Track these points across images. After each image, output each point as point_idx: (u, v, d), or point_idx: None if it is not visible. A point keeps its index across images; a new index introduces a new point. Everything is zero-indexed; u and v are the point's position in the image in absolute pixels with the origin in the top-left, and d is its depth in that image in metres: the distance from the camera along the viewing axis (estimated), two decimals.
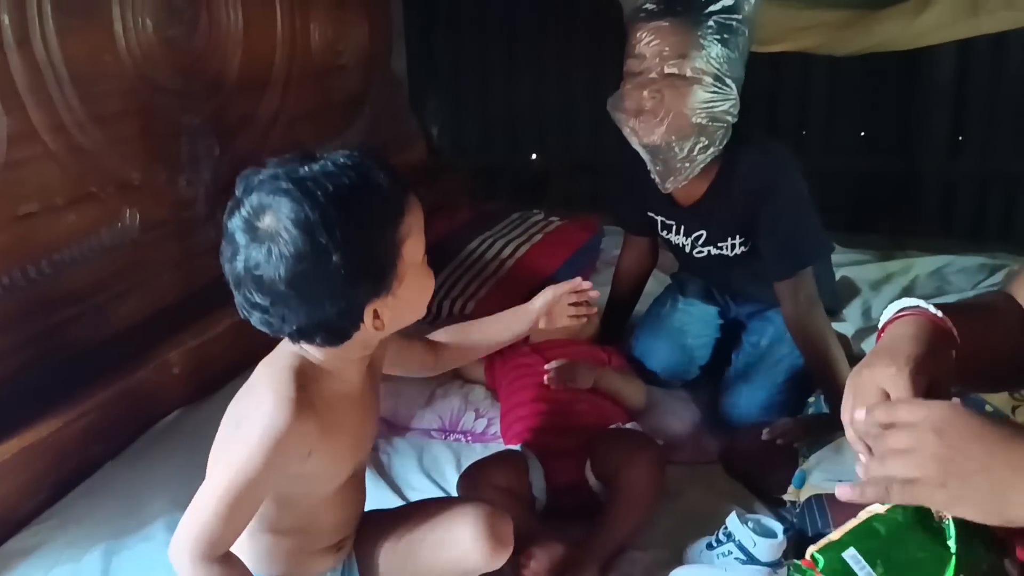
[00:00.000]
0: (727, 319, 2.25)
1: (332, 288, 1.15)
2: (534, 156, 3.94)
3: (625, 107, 1.83)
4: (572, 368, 1.95)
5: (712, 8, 1.74)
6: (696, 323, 2.22)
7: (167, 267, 2.26)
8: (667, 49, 1.75)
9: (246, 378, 2.17)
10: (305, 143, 2.61)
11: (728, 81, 1.77)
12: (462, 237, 2.90)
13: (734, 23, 1.75)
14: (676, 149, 1.79)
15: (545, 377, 1.96)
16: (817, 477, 1.69)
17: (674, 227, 2.05)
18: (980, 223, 3.59)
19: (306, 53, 2.79)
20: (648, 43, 1.76)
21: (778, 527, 1.59)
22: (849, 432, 1.02)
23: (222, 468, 1.19)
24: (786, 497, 1.72)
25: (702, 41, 1.74)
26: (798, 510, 1.68)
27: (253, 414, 1.21)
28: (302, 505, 1.33)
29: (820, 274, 1.99)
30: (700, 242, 2.02)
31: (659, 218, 2.07)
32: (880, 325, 1.11)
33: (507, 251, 2.81)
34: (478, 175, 3.74)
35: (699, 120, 1.77)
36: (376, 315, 1.23)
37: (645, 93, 1.78)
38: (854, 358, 2.24)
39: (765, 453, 1.86)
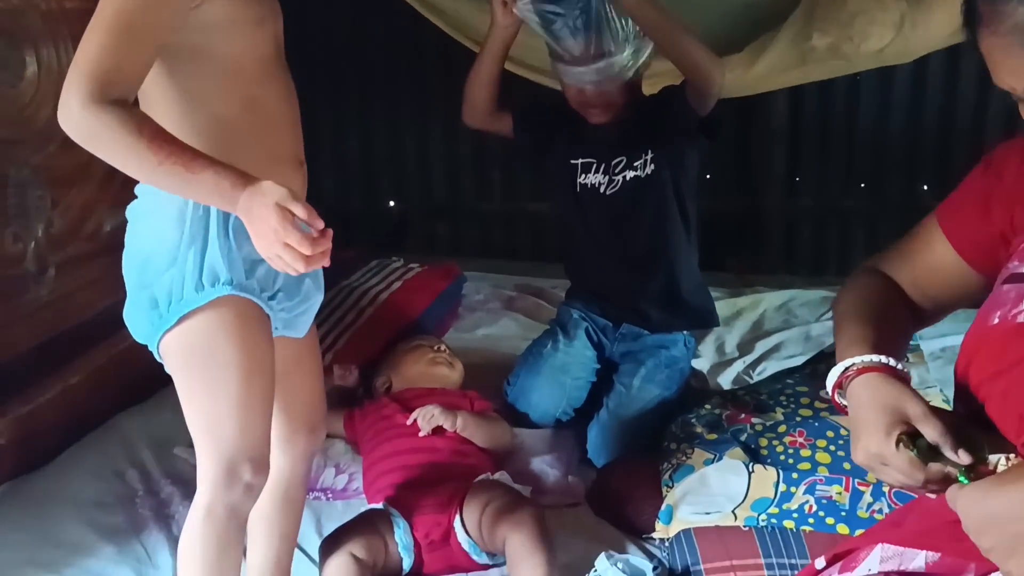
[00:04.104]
0: (602, 361, 2.28)
1: None
2: (392, 203, 3.89)
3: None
4: (432, 411, 1.91)
5: None
6: (575, 365, 2.24)
7: None
8: None
9: (82, 447, 2.06)
10: None
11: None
12: None
13: None
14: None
15: (410, 419, 1.92)
16: (684, 511, 1.69)
17: (594, 165, 2.15)
18: (819, 257, 3.74)
19: None
20: None
21: (647, 565, 1.58)
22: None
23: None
24: (655, 535, 1.72)
25: None
26: (667, 544, 1.68)
27: None
28: (233, 83, 1.29)
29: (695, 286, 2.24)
30: (618, 169, 2.13)
31: (579, 161, 2.18)
32: (830, 385, 1.14)
33: (366, 300, 2.74)
34: (333, 222, 3.64)
35: None
36: None
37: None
38: (708, 392, 2.30)
39: (630, 490, 1.86)
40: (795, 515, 1.62)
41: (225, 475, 1.29)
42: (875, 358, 1.11)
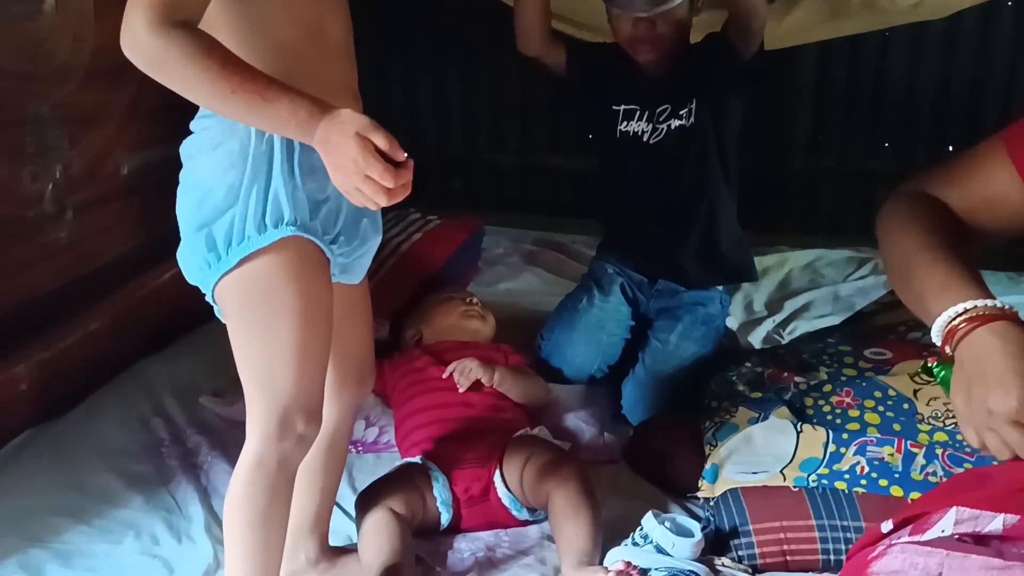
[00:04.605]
0: (637, 318, 2.23)
1: None
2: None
3: None
4: (469, 365, 1.86)
5: None
6: (611, 321, 2.19)
7: (10, 271, 2.02)
8: None
9: (104, 394, 2.01)
10: (166, 135, 2.40)
11: None
12: None
13: None
14: None
15: (446, 372, 1.88)
16: (730, 470, 1.65)
17: (637, 112, 2.10)
18: (841, 218, 3.69)
19: None
20: None
21: (695, 526, 1.53)
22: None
23: None
24: (700, 494, 1.68)
25: None
26: (713, 504, 1.64)
27: None
28: (297, 9, 1.23)
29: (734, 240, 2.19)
30: (663, 118, 2.07)
31: (622, 107, 2.13)
32: (942, 329, 1.06)
33: (387, 251, 2.68)
34: None
35: None
36: None
37: None
38: (744, 351, 2.26)
39: (670, 448, 1.82)
40: (846, 476, 1.58)
41: (278, 425, 1.24)
42: (993, 303, 1.04)
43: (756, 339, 2.47)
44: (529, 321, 2.37)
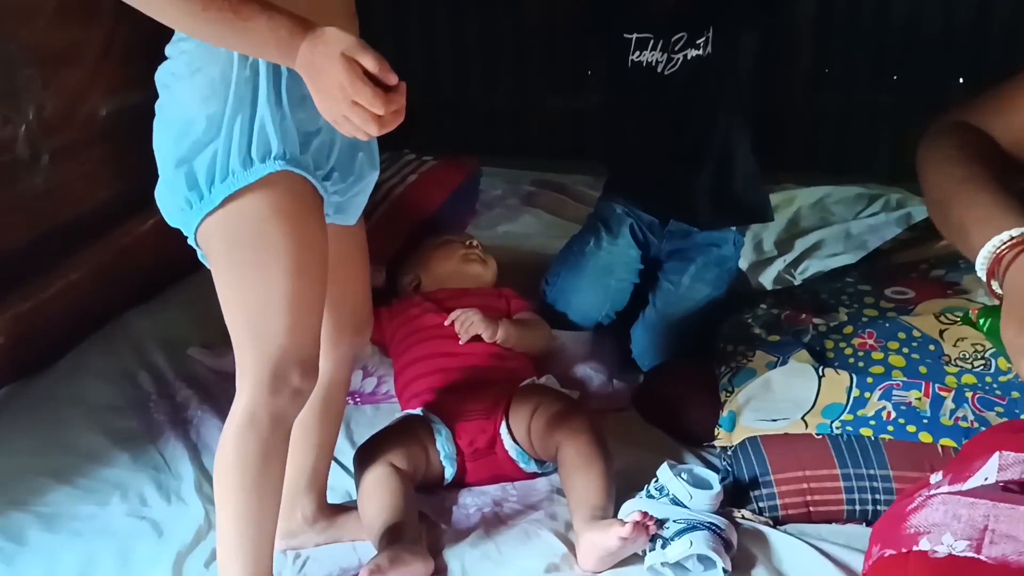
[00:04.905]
0: (647, 261, 2.13)
1: None
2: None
3: None
4: (472, 318, 1.77)
5: None
6: (619, 264, 2.09)
7: None
8: None
9: (87, 348, 1.92)
10: (146, 76, 2.28)
11: None
12: None
13: None
14: None
15: (447, 320, 1.79)
16: (749, 418, 1.57)
17: (651, 41, 1.99)
18: (844, 155, 3.60)
19: None
20: None
21: (713, 477, 1.46)
22: None
23: None
24: (717, 443, 1.60)
25: None
26: (730, 453, 1.56)
27: None
28: None
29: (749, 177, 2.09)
30: (678, 47, 1.97)
31: (635, 36, 2.01)
32: (989, 260, 0.99)
33: (379, 194, 2.57)
34: None
35: None
36: None
37: None
38: (757, 292, 2.18)
39: (684, 394, 1.74)
40: (872, 422, 1.50)
41: (271, 378, 1.14)
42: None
43: (767, 279, 2.39)
44: (531, 264, 2.28)
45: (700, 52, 1.99)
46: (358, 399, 1.82)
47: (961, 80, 3.24)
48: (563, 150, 3.35)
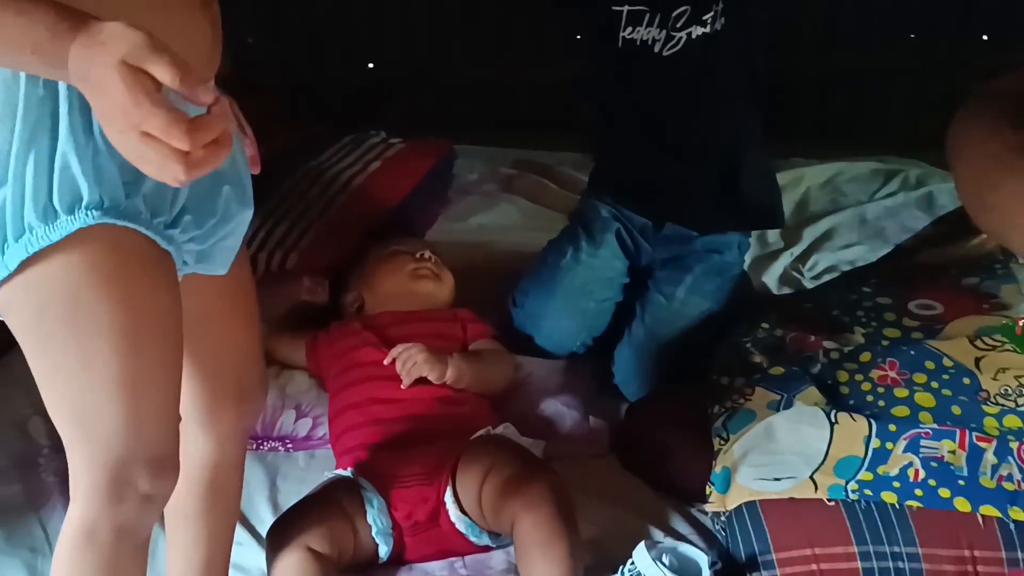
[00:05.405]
0: (636, 271, 1.87)
1: None
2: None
3: None
4: (415, 357, 1.50)
5: None
6: (600, 282, 1.82)
7: None
8: None
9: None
10: None
11: None
12: (278, 171, 2.37)
13: None
14: None
15: (387, 358, 1.52)
16: (747, 475, 1.30)
17: (647, 16, 1.73)
18: (858, 124, 3.38)
19: None
20: None
21: (702, 559, 1.20)
22: None
23: None
24: (708, 507, 1.33)
25: None
26: (724, 520, 1.29)
27: None
28: None
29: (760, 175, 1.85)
30: (680, 23, 1.72)
31: (626, 8, 1.75)
32: None
33: (336, 185, 2.34)
34: (300, 92, 3.20)
35: None
36: None
37: None
38: (758, 300, 1.92)
39: (673, 438, 1.47)
40: (896, 484, 1.23)
41: (110, 484, 0.88)
42: None
43: (771, 278, 2.14)
44: (504, 265, 2.03)
45: (707, 29, 1.71)
46: (289, 445, 1.57)
47: (985, 37, 3.05)
48: (550, 123, 3.11)
